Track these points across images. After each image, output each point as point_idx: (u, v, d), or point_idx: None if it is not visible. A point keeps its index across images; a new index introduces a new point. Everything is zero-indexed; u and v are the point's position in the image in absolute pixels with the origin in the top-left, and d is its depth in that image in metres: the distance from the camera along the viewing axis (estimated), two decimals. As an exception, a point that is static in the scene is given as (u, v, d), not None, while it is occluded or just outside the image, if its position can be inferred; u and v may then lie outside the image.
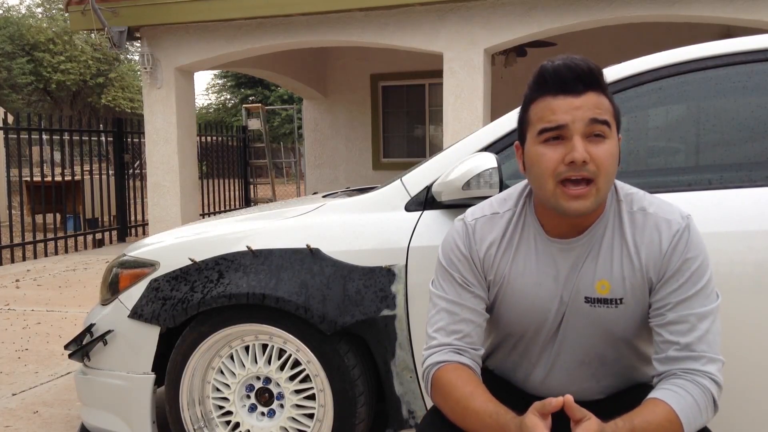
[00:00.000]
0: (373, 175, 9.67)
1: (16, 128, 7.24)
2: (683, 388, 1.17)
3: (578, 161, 1.15)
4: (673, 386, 1.18)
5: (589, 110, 1.16)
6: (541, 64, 1.23)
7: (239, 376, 2.10)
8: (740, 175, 1.78)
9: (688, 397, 1.16)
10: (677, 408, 1.14)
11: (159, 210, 7.15)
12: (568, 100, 1.17)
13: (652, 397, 1.17)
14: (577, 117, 1.16)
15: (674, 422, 1.13)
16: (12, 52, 23.18)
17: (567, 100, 1.17)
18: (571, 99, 1.17)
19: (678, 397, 1.15)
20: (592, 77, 1.18)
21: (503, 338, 1.41)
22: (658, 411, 1.14)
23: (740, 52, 1.82)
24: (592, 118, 1.16)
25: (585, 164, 1.15)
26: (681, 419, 1.13)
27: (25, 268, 6.61)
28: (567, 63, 1.18)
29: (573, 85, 1.17)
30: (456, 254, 1.34)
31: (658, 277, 1.24)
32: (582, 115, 1.16)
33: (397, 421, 1.98)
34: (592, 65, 1.18)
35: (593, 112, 1.16)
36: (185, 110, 7.20)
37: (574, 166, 1.16)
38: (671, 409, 1.13)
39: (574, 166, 1.16)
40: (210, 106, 29.40)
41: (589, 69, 1.18)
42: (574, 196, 1.17)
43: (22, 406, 2.86)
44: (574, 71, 1.17)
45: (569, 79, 1.17)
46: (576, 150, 1.15)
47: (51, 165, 7.64)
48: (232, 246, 2.07)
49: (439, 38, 6.07)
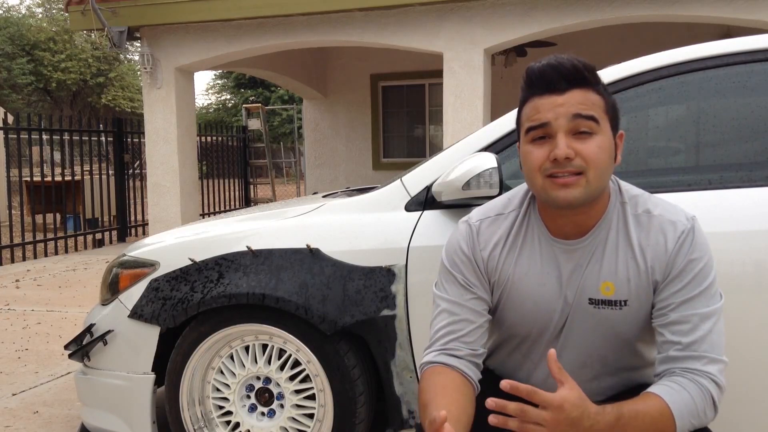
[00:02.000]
0: (373, 175, 9.67)
1: (16, 128, 7.23)
2: (680, 385, 1.16)
3: (560, 157, 1.16)
4: (669, 382, 1.18)
5: (572, 106, 1.18)
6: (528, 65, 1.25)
7: (239, 376, 2.11)
8: (740, 175, 1.78)
9: (684, 393, 1.15)
10: (670, 402, 1.13)
11: (159, 210, 7.16)
12: (551, 99, 1.19)
13: (647, 391, 1.17)
14: (559, 114, 1.18)
15: (666, 416, 1.12)
16: (12, 52, 23.17)
17: (551, 99, 1.19)
18: (554, 97, 1.19)
19: (672, 392, 1.15)
20: (576, 74, 1.19)
21: (506, 339, 1.41)
22: (650, 403, 1.13)
23: (740, 52, 1.82)
24: (575, 113, 1.17)
25: (569, 160, 1.17)
26: (674, 413, 1.12)
27: (25, 268, 6.61)
28: (551, 63, 1.20)
29: (557, 83, 1.19)
30: (459, 256, 1.35)
31: (663, 278, 1.24)
32: (564, 112, 1.18)
33: (397, 421, 1.98)
34: (578, 63, 1.19)
35: (577, 108, 1.18)
36: (185, 110, 7.20)
37: (557, 163, 1.17)
38: (664, 403, 1.13)
39: (558, 163, 1.17)
40: (210, 106, 29.40)
41: (574, 67, 1.19)
42: (562, 184, 1.18)
43: (22, 406, 2.86)
44: (558, 70, 1.19)
45: (553, 79, 1.19)
46: (558, 147, 1.17)
47: (51, 165, 7.64)
48: (232, 246, 2.07)
49: (439, 38, 6.07)
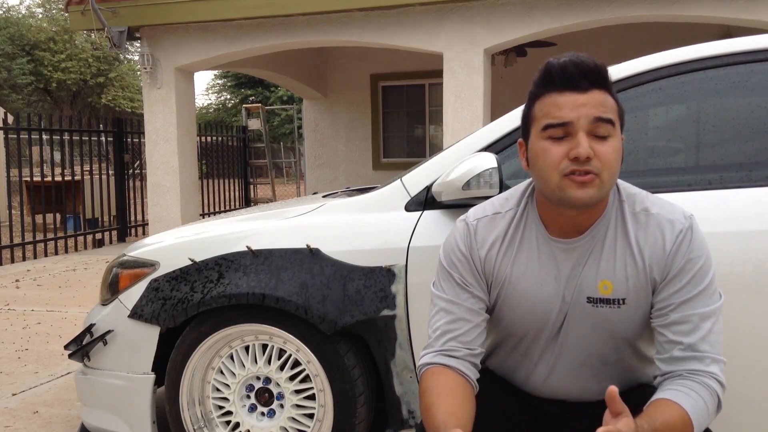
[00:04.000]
0: (373, 175, 9.67)
1: (16, 128, 7.23)
2: (694, 390, 1.16)
3: (582, 156, 1.15)
4: (682, 387, 1.17)
5: (594, 108, 1.16)
6: (547, 60, 1.22)
7: (239, 376, 2.10)
8: (740, 175, 1.78)
9: (699, 399, 1.15)
10: (690, 410, 1.13)
11: (159, 210, 7.15)
12: (573, 97, 1.17)
13: (664, 398, 1.16)
14: (582, 114, 1.16)
15: (687, 424, 1.13)
16: (12, 52, 23.17)
17: (572, 97, 1.17)
18: (576, 95, 1.17)
19: (690, 399, 1.15)
20: (598, 75, 1.18)
21: (505, 338, 1.41)
22: (674, 413, 1.13)
23: (740, 52, 1.82)
24: (596, 116, 1.16)
25: (589, 160, 1.15)
26: (693, 422, 1.13)
27: (25, 268, 6.60)
28: (574, 60, 1.18)
29: (579, 81, 1.17)
30: (456, 255, 1.34)
31: (662, 278, 1.23)
32: (587, 113, 1.16)
33: (397, 421, 1.98)
34: (598, 63, 1.18)
35: (598, 111, 1.16)
36: (185, 110, 7.20)
37: (578, 162, 1.16)
38: (685, 412, 1.13)
39: (578, 162, 1.16)
40: (210, 106, 29.36)
41: (596, 66, 1.18)
42: (580, 183, 1.16)
43: (22, 406, 2.86)
44: (581, 68, 1.17)
45: (575, 76, 1.17)
46: (581, 146, 1.15)
47: (51, 165, 7.64)
48: (232, 246, 2.07)
49: (439, 38, 6.06)
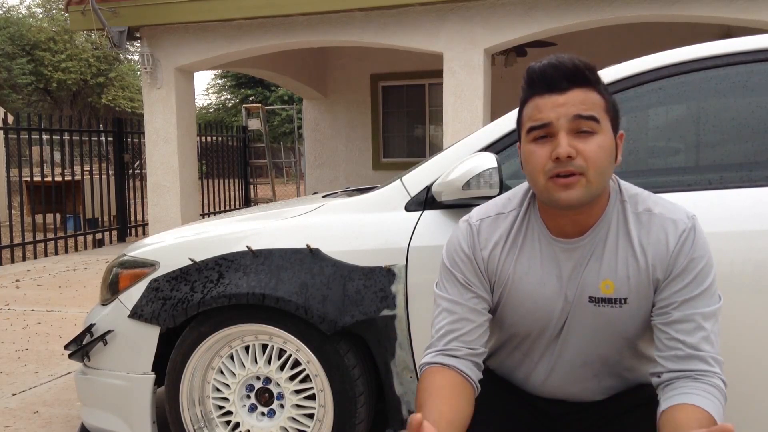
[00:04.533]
0: (373, 175, 9.67)
1: (16, 128, 7.23)
2: (711, 394, 1.16)
3: (562, 156, 1.17)
4: (701, 392, 1.16)
5: (574, 106, 1.18)
6: (529, 65, 1.25)
7: (239, 376, 2.11)
8: (740, 175, 1.78)
9: (717, 403, 1.16)
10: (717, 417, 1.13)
11: (159, 210, 7.16)
12: (552, 98, 1.20)
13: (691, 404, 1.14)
14: (561, 114, 1.18)
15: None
16: (12, 52, 23.17)
17: (552, 98, 1.20)
18: (556, 97, 1.20)
19: (711, 404, 1.15)
20: (577, 74, 1.19)
21: (507, 338, 1.41)
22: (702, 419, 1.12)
23: (740, 52, 1.82)
24: (576, 114, 1.18)
25: (571, 159, 1.17)
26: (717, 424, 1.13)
27: (25, 268, 6.60)
28: (552, 62, 1.20)
29: (558, 83, 1.20)
30: (459, 255, 1.35)
31: (665, 277, 1.24)
32: (566, 112, 1.18)
33: (397, 421, 1.98)
34: (578, 62, 1.20)
35: (578, 108, 1.18)
36: (185, 110, 7.20)
37: (559, 162, 1.18)
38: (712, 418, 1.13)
39: (560, 162, 1.18)
40: (210, 106, 29.36)
41: (574, 66, 1.19)
42: (563, 185, 1.18)
43: (22, 406, 2.86)
44: (559, 69, 1.19)
45: (555, 78, 1.20)
46: (560, 146, 1.17)
47: (51, 165, 7.63)
48: (232, 246, 2.07)
49: (439, 38, 6.07)
